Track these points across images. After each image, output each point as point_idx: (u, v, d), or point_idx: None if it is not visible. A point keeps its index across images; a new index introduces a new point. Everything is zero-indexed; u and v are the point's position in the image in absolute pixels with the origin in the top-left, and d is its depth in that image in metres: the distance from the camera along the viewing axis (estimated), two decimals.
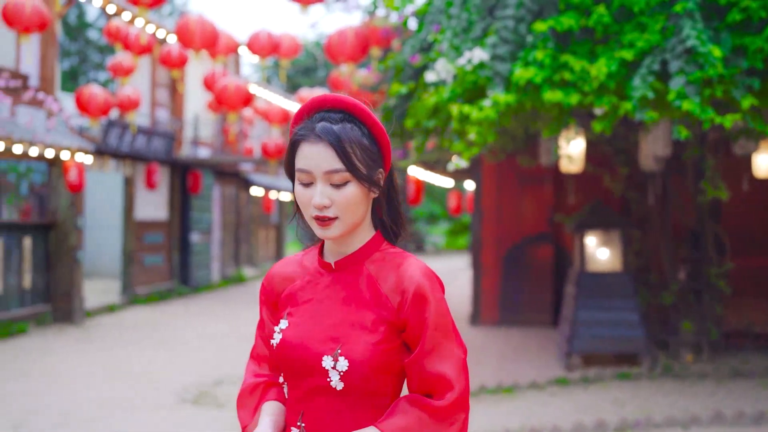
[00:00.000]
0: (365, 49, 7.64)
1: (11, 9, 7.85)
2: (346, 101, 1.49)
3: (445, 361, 1.45)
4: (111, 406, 6.14)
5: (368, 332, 1.46)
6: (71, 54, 24.13)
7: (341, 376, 1.44)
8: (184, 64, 10.16)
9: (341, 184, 1.44)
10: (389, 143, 1.52)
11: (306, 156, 1.45)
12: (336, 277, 1.53)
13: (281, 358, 1.51)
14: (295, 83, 26.40)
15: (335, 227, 1.46)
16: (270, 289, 1.60)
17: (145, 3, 6.56)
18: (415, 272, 1.47)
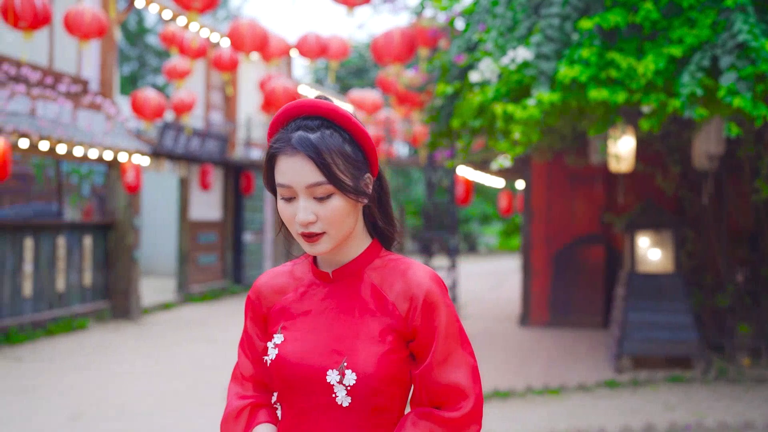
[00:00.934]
0: (412, 49, 7.67)
1: (72, 17, 8.17)
2: (323, 106, 1.38)
3: (458, 370, 1.37)
4: (164, 400, 6.33)
5: (375, 342, 1.35)
6: (131, 59, 24.84)
7: (348, 390, 1.34)
8: (235, 67, 10.37)
9: (325, 197, 1.34)
10: (374, 146, 1.42)
11: (284, 170, 1.35)
12: (334, 287, 1.43)
13: (278, 376, 1.40)
14: (347, 84, 26.59)
15: (323, 242, 1.37)
16: (258, 303, 1.49)
17: (196, 8, 6.74)
18: (423, 278, 1.38)
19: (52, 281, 9.97)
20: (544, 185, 10.22)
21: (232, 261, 15.38)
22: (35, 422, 5.64)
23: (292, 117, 1.39)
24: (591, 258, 10.12)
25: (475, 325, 10.60)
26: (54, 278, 10.01)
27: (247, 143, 15.84)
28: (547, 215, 10.27)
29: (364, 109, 12.83)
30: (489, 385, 6.70)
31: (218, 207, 15.11)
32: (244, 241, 15.53)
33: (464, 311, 11.71)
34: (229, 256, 15.29)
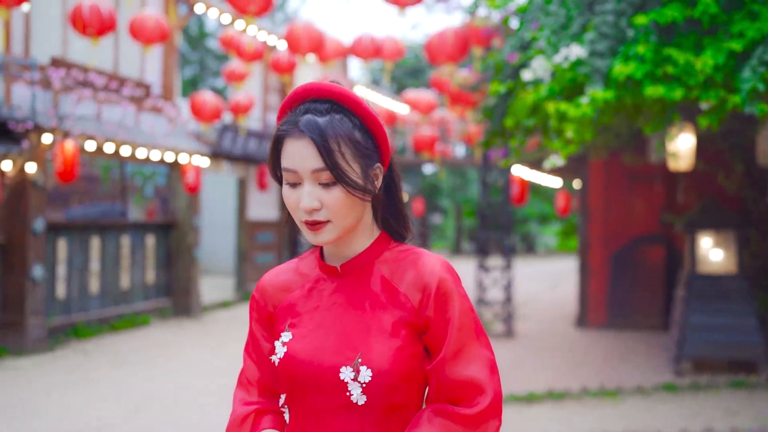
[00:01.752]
0: (465, 49, 7.65)
1: (136, 23, 8.45)
2: (333, 89, 1.31)
3: (474, 364, 1.29)
4: (222, 394, 6.48)
5: (389, 337, 1.29)
6: (192, 62, 25.46)
7: (364, 388, 1.27)
8: (293, 69, 10.53)
9: (331, 184, 1.28)
10: (385, 135, 1.35)
11: (290, 154, 1.28)
12: (343, 282, 1.36)
13: (287, 375, 1.32)
14: (403, 84, 26.64)
15: (327, 232, 1.30)
16: (263, 302, 1.42)
17: (252, 12, 6.89)
18: (435, 266, 1.32)
19: (116, 279, 10.33)
20: (601, 184, 10.05)
21: (289, 260, 15.60)
22: (100, 413, 5.87)
23: (302, 100, 1.32)
24: (650, 258, 9.90)
25: (530, 326, 10.49)
26: (118, 276, 10.37)
27: None
28: (604, 215, 10.09)
29: (419, 109, 12.86)
30: (543, 386, 6.64)
31: (275, 207, 15.37)
32: (300, 241, 15.75)
33: (520, 311, 11.60)
34: (286, 256, 15.53)
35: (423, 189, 30.49)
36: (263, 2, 6.82)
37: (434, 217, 34.19)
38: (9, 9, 6.63)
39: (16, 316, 8.30)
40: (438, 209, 33.14)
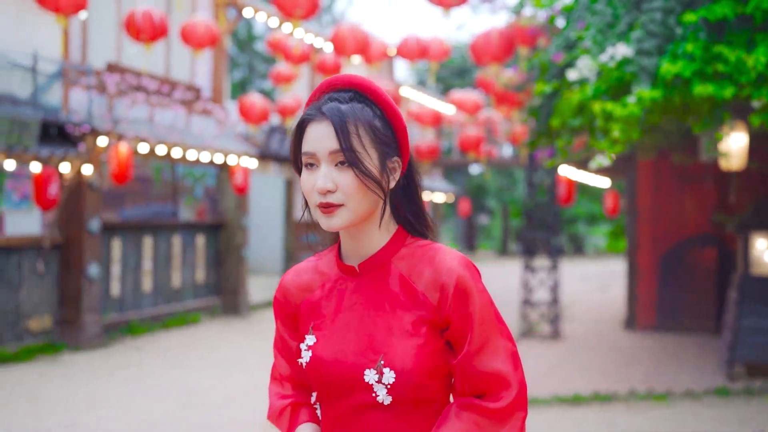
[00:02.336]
0: (510, 49, 7.63)
1: (187, 29, 8.67)
2: (357, 80, 1.34)
3: (497, 357, 1.30)
4: (266, 392, 6.61)
5: (410, 336, 1.30)
6: (241, 65, 25.88)
7: (389, 389, 1.29)
8: (338, 71, 10.64)
9: (347, 166, 1.29)
10: (406, 129, 1.36)
11: (310, 137, 1.31)
12: (362, 281, 1.36)
13: (315, 378, 1.36)
14: (449, 84, 26.58)
15: (340, 215, 1.30)
16: (285, 302, 1.44)
17: (299, 15, 7.00)
18: (452, 263, 1.32)
19: (168, 278, 10.59)
20: (650, 184, 9.88)
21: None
22: (151, 407, 6.05)
23: (327, 90, 1.35)
24: (702, 259, 9.69)
25: (577, 327, 10.38)
26: (170, 275, 10.63)
27: None
28: (653, 215, 9.92)
29: (465, 109, 12.84)
30: (589, 388, 6.58)
31: None
32: None
33: (567, 313, 11.49)
34: None
35: (469, 189, 30.36)
36: (310, 6, 6.93)
37: (481, 217, 34.01)
38: (68, 17, 6.88)
39: (74, 313, 8.60)
40: (485, 210, 32.96)
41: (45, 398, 6.32)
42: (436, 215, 23.02)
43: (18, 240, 8.20)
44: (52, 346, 8.31)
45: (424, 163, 14.26)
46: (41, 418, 5.72)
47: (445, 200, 24.32)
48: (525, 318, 9.67)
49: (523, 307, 9.72)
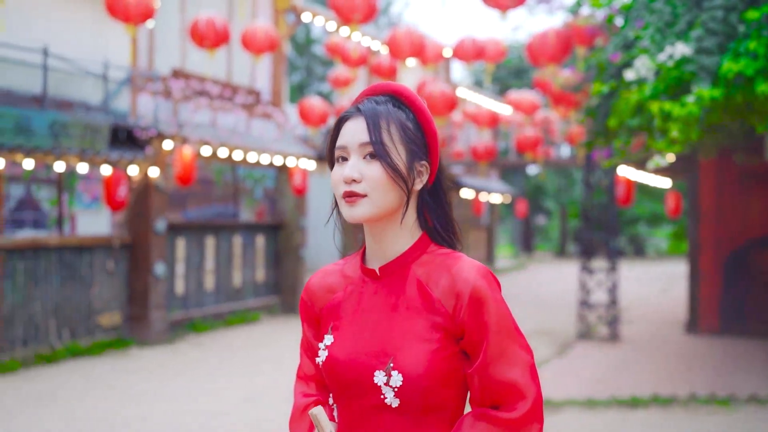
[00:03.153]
0: (567, 49, 7.59)
1: (248, 34, 8.92)
2: (394, 87, 1.41)
3: (513, 367, 1.30)
4: None
5: (422, 341, 1.31)
6: (299, 68, 26.30)
7: (396, 392, 1.30)
8: (394, 74, 10.75)
9: (374, 158, 1.34)
10: (436, 135, 1.40)
11: (344, 132, 1.37)
12: (382, 284, 1.39)
13: (330, 377, 1.39)
14: (507, 85, 26.41)
15: (363, 205, 1.33)
16: (310, 303, 1.48)
17: (356, 20, 7.13)
18: (469, 272, 1.33)
19: (229, 277, 10.90)
20: (713, 184, 9.66)
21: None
22: (214, 401, 6.27)
23: (367, 96, 1.43)
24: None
25: (637, 330, 10.23)
26: (231, 274, 10.93)
27: None
28: (716, 216, 9.69)
29: (521, 110, 12.78)
30: (648, 390, 6.51)
31: None
32: None
33: (626, 315, 11.32)
34: None
35: (527, 190, 30.09)
36: (367, 10, 7.05)
37: (538, 218, 33.65)
38: (136, 26, 7.19)
39: (141, 310, 8.95)
40: (543, 211, 32.60)
41: (117, 391, 6.62)
42: (493, 216, 22.92)
43: (90, 240, 8.58)
44: (122, 341, 8.67)
45: (481, 164, 14.24)
46: (115, 409, 6.00)
47: (501, 201, 24.19)
48: (582, 320, 9.58)
49: (581, 309, 9.64)
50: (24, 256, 7.73)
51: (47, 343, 7.93)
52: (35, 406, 6.05)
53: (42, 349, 7.84)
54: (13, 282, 7.60)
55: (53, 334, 8.02)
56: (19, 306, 7.66)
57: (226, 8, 11.02)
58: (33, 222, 12.87)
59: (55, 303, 8.04)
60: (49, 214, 13.02)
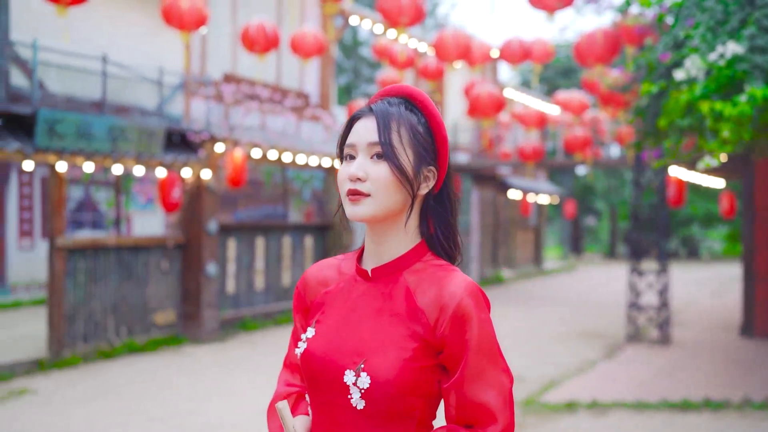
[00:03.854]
0: (616, 49, 7.53)
1: (297, 39, 9.09)
2: (409, 90, 1.41)
3: (489, 390, 1.29)
4: None
5: (397, 348, 1.30)
6: (347, 71, 26.52)
7: (362, 393, 1.30)
8: (441, 76, 10.80)
9: (381, 158, 1.33)
10: (446, 141, 1.40)
11: (354, 130, 1.37)
12: (371, 286, 1.39)
13: (304, 370, 1.39)
14: (555, 85, 26.16)
15: (365, 205, 1.33)
16: (303, 293, 1.48)
17: (403, 23, 7.21)
18: (457, 288, 1.31)
19: (278, 276, 11.09)
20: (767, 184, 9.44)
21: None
22: (265, 398, 6.42)
23: (381, 97, 1.43)
24: None
25: (688, 333, 10.06)
26: (280, 274, 11.13)
27: (453, 148, 16.31)
28: None
29: (570, 110, 12.68)
30: (700, 394, 6.42)
31: None
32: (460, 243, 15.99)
33: (678, 318, 11.13)
34: None
35: (575, 191, 29.73)
36: (414, 14, 7.13)
37: (588, 219, 33.20)
38: (190, 33, 7.41)
39: (194, 309, 9.19)
40: (592, 212, 32.16)
41: (172, 386, 6.84)
42: (541, 217, 22.73)
43: (146, 240, 8.86)
44: (176, 339, 8.93)
45: (528, 164, 14.17)
46: (171, 403, 6.21)
47: (549, 202, 23.97)
48: (632, 322, 9.47)
49: (630, 311, 9.53)
50: (85, 256, 8.03)
51: (106, 340, 8.22)
52: (96, 399, 6.30)
53: (101, 345, 8.13)
54: (75, 280, 7.90)
55: (112, 331, 8.31)
56: (80, 304, 7.96)
57: (276, 14, 11.23)
58: (92, 223, 13.33)
59: (113, 301, 8.34)
60: (107, 215, 13.46)
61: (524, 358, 8.45)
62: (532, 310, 12.87)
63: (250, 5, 10.75)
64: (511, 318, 11.80)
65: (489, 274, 18.31)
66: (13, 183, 12.48)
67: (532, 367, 7.91)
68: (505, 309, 12.82)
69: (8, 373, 7.12)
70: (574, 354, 8.75)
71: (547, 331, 10.51)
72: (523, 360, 8.31)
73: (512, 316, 11.97)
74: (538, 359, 8.41)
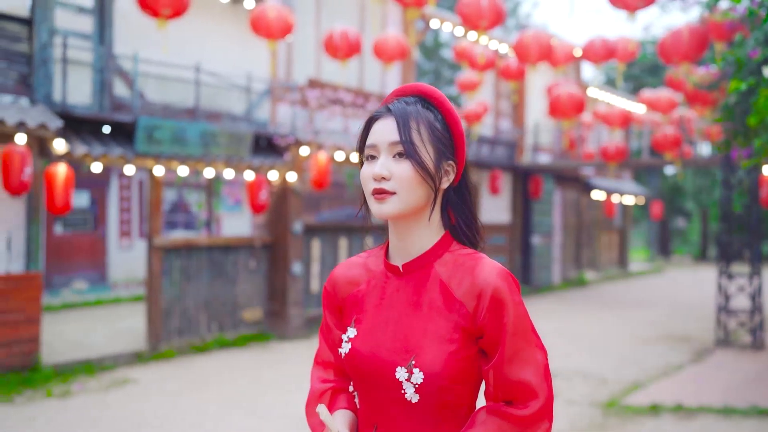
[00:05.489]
0: (702, 46, 7.35)
1: (379, 44, 9.30)
2: (424, 88, 1.46)
3: (527, 368, 1.35)
4: None
5: (443, 341, 1.36)
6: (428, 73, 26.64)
7: (416, 388, 1.35)
8: (522, 77, 10.78)
9: (403, 157, 1.38)
10: (463, 135, 1.45)
11: (375, 131, 1.41)
12: (404, 281, 1.43)
13: (352, 369, 1.43)
14: (642, 83, 25.47)
15: (391, 202, 1.37)
16: (334, 293, 1.52)
17: (483, 27, 7.28)
18: (490, 274, 1.36)
19: None
20: None
21: (521, 263, 15.82)
22: None
23: (396, 96, 1.47)
24: None
25: None
26: None
27: (535, 148, 16.18)
28: None
29: (657, 109, 12.39)
30: None
31: (507, 210, 15.68)
32: (532, 244, 15.88)
33: None
34: (518, 258, 15.75)
35: (663, 192, 28.81)
36: (493, 17, 7.19)
37: (677, 221, 32.10)
38: (276, 41, 7.73)
39: (280, 307, 9.54)
40: (681, 213, 31.07)
41: (260, 379, 7.16)
42: (626, 218, 22.19)
43: (235, 240, 9.27)
44: (263, 335, 9.29)
45: (612, 165, 13.90)
46: (259, 395, 6.51)
47: (635, 203, 23.35)
48: (721, 326, 9.19)
49: (720, 315, 9.25)
50: (179, 255, 8.48)
51: (198, 335, 8.66)
52: (189, 390, 6.67)
53: (194, 340, 8.57)
54: (170, 278, 8.36)
55: (204, 327, 8.74)
56: (175, 300, 8.42)
57: (359, 20, 11.49)
58: (184, 223, 13.98)
59: (205, 298, 8.77)
60: (198, 216, 14.09)
61: (608, 360, 8.36)
62: (616, 313, 12.64)
63: (333, 13, 11.05)
64: (594, 320, 11.63)
65: (571, 275, 18.05)
66: (113, 187, 13.26)
67: (615, 370, 7.82)
68: (587, 311, 12.63)
69: (111, 364, 7.63)
70: (659, 357, 8.58)
71: (632, 334, 10.31)
72: (607, 362, 8.22)
73: (595, 319, 11.80)
74: (622, 362, 8.29)
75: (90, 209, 12.97)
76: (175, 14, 6.33)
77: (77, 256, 12.74)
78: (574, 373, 7.60)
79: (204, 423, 5.67)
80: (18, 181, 6.65)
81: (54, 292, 12.02)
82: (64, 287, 12.40)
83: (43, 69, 7.21)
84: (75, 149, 7.25)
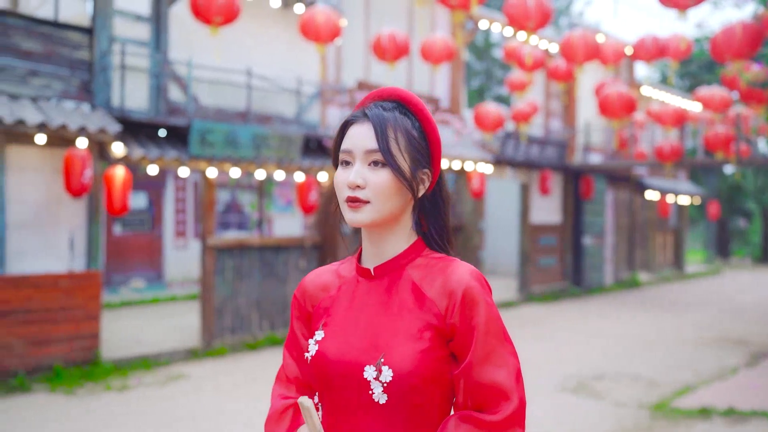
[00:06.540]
0: (757, 43, 7.19)
1: (427, 46, 9.37)
2: (401, 93, 1.43)
3: (499, 370, 1.31)
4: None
5: (414, 339, 1.32)
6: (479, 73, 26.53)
7: (384, 387, 1.31)
8: (571, 77, 10.70)
9: (379, 166, 1.36)
10: (439, 143, 1.43)
11: (350, 135, 1.38)
12: (375, 284, 1.41)
13: (318, 372, 1.39)
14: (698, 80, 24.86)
15: (366, 211, 1.35)
16: (303, 301, 1.49)
17: (530, 28, 7.28)
18: (463, 275, 1.35)
19: None
20: None
21: (572, 263, 15.66)
22: None
23: (373, 100, 1.45)
24: None
25: None
26: None
27: (585, 148, 15.99)
28: None
29: (711, 107, 12.11)
30: None
31: (558, 211, 15.54)
32: (583, 245, 15.70)
33: None
34: (569, 259, 15.59)
35: (720, 191, 28.04)
36: (540, 17, 7.18)
37: (738, 221, 31.19)
38: (325, 44, 7.88)
39: None
40: (741, 213, 30.18)
41: None
42: (682, 219, 21.70)
43: (286, 240, 9.47)
44: None
45: (666, 164, 13.64)
46: None
47: (690, 203, 22.82)
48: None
49: None
50: (232, 255, 8.72)
51: (250, 333, 8.88)
52: (242, 386, 6.86)
53: (246, 337, 8.79)
54: (223, 277, 8.61)
55: (255, 325, 8.96)
56: (228, 299, 8.66)
57: (407, 23, 11.58)
58: (237, 224, 14.32)
59: (256, 297, 8.98)
60: (250, 216, 14.40)
61: (658, 362, 8.24)
62: (670, 314, 12.41)
63: (382, 16, 11.17)
64: (646, 321, 11.45)
65: (624, 276, 17.76)
66: (169, 188, 13.67)
67: (666, 372, 7.71)
68: (639, 312, 12.43)
69: (167, 360, 7.90)
70: (713, 360, 8.42)
71: (686, 336, 10.13)
72: (658, 364, 8.11)
73: (647, 320, 11.61)
74: (674, 364, 8.17)
75: (147, 210, 13.40)
76: (226, 21, 6.53)
77: (135, 256, 13.18)
78: (623, 375, 7.53)
79: (253, 418, 5.85)
80: (79, 184, 6.96)
81: (113, 290, 12.48)
82: (122, 285, 12.85)
83: (102, 75, 7.52)
84: (132, 152, 7.54)
